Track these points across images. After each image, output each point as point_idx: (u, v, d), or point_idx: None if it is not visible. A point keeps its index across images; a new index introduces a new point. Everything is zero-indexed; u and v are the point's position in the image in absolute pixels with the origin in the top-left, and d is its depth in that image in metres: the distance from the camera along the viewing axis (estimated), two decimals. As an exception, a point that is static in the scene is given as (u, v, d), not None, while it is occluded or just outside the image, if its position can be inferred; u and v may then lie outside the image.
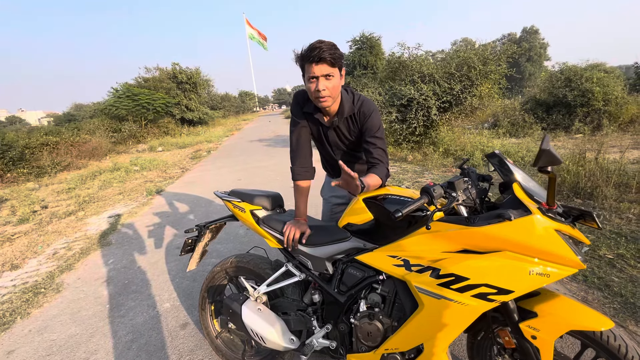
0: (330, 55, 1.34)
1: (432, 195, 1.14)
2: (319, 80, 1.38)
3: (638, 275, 2.30)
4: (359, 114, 1.55)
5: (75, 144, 11.15)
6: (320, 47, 1.33)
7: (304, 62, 1.39)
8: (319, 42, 1.36)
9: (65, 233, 4.40)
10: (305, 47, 1.38)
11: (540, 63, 40.19)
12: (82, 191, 6.74)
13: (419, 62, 7.36)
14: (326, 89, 1.39)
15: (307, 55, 1.35)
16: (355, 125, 1.58)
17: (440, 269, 1.15)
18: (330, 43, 1.37)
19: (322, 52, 1.32)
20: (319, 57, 1.33)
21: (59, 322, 2.44)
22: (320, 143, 1.73)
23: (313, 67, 1.36)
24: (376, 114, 1.54)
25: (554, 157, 0.93)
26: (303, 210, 1.61)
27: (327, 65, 1.36)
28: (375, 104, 1.58)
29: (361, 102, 1.55)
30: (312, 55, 1.34)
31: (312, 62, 1.35)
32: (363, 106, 1.54)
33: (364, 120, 1.53)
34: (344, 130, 1.61)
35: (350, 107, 1.54)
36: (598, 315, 1.08)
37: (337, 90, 1.46)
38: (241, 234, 3.72)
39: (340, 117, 1.54)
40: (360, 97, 1.56)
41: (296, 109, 1.63)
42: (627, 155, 4.61)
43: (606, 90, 8.31)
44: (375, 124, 1.53)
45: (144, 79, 19.94)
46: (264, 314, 1.55)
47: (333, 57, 1.35)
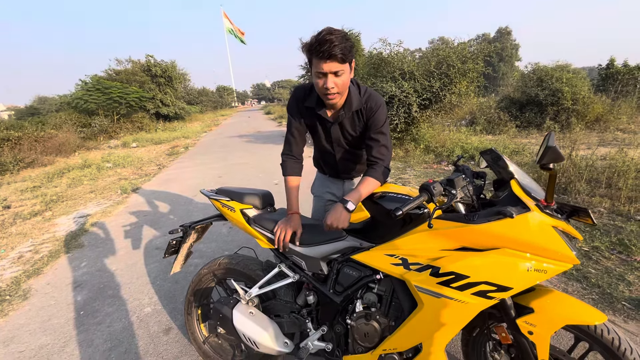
0: (342, 51, 1.22)
1: (432, 193, 1.12)
2: (327, 78, 1.28)
3: (612, 266, 2.41)
4: (365, 109, 1.46)
5: (40, 139, 10.44)
6: (331, 40, 1.20)
7: (312, 55, 1.27)
8: (329, 33, 1.22)
9: (31, 235, 4.10)
10: (314, 38, 1.24)
11: (512, 63, 41.80)
12: (49, 190, 6.32)
13: (400, 59, 7.42)
14: (335, 87, 1.30)
15: (316, 50, 1.23)
16: (361, 120, 1.49)
17: (439, 267, 1.14)
18: (342, 34, 1.24)
19: (332, 47, 1.20)
20: (329, 53, 1.21)
21: (27, 332, 2.26)
22: (319, 139, 1.63)
23: (321, 64, 1.25)
24: (383, 109, 1.46)
25: (558, 154, 0.92)
26: (295, 205, 1.55)
27: (337, 62, 1.25)
28: (382, 98, 1.50)
29: (368, 95, 1.46)
30: (321, 50, 1.21)
31: (320, 58, 1.24)
32: (370, 100, 1.45)
33: (371, 115, 1.45)
34: (348, 126, 1.52)
35: (358, 100, 1.44)
36: (592, 309, 1.10)
37: (346, 86, 1.37)
38: (224, 233, 3.60)
39: (348, 111, 1.45)
40: (366, 89, 1.48)
41: (295, 104, 1.52)
42: (595, 151, 4.86)
43: (574, 90, 8.75)
44: (381, 119, 1.45)
45: (116, 71, 18.97)
46: (256, 317, 1.49)
47: (344, 52, 1.23)
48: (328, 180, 1.87)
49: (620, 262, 2.46)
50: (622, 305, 2.04)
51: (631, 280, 2.24)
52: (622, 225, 2.94)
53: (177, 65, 21.81)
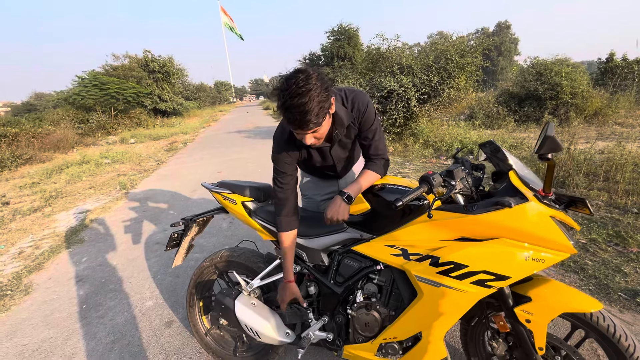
0: (316, 119, 1.09)
1: (432, 184, 1.13)
2: (305, 137, 1.18)
3: (609, 258, 2.44)
4: (356, 114, 1.35)
5: (38, 136, 10.43)
6: (301, 107, 1.04)
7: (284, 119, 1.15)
8: (298, 95, 1.04)
9: (32, 231, 4.11)
10: (281, 97, 1.07)
11: (511, 57, 41.70)
12: (47, 186, 6.31)
13: (398, 54, 7.40)
14: (315, 140, 1.22)
15: (285, 117, 1.12)
16: (355, 127, 1.40)
17: (439, 257, 1.15)
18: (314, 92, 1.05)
19: (303, 118, 1.07)
20: (300, 125, 1.11)
21: (30, 326, 2.28)
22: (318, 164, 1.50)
23: (293, 129, 1.16)
24: (370, 105, 1.38)
25: (556, 144, 0.93)
26: (291, 272, 1.43)
27: (310, 130, 1.15)
28: (365, 93, 1.40)
29: (352, 98, 1.34)
30: (290, 119, 1.11)
31: (293, 128, 1.15)
32: (356, 103, 1.34)
33: (360, 116, 1.36)
34: (344, 139, 1.42)
35: (347, 115, 1.32)
36: (588, 298, 1.12)
37: (327, 130, 1.25)
38: (225, 227, 3.62)
39: (341, 128, 1.33)
40: (348, 93, 1.35)
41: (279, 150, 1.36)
42: (593, 145, 4.88)
43: (573, 84, 8.73)
44: (372, 117, 1.38)
45: (113, 67, 18.86)
46: (258, 308, 1.51)
47: (318, 119, 1.10)
48: (323, 182, 1.76)
49: (617, 254, 2.48)
50: (618, 296, 2.07)
51: (627, 272, 2.27)
52: (619, 218, 2.97)
53: (174, 61, 21.68)
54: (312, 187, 1.80)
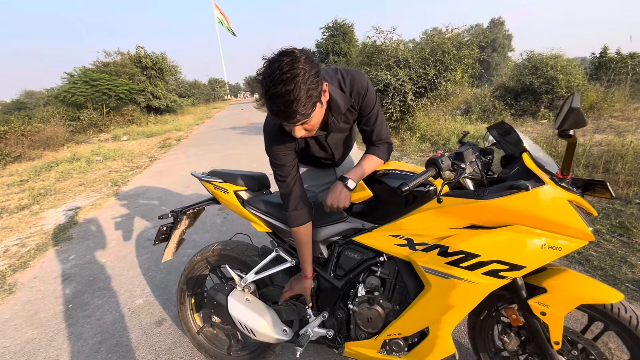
0: (303, 110, 0.95)
1: (440, 168, 1.04)
2: (294, 130, 1.04)
3: (614, 248, 2.38)
4: (355, 98, 1.23)
5: (27, 134, 10.15)
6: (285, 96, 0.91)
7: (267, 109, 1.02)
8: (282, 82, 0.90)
9: (18, 229, 3.96)
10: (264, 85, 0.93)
11: (505, 54, 41.78)
12: (36, 183, 6.14)
13: (394, 47, 7.30)
14: (305, 132, 1.08)
15: (270, 108, 0.98)
16: (353, 111, 1.27)
17: (448, 247, 1.07)
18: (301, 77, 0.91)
19: (289, 111, 0.94)
20: (285, 117, 0.97)
21: (13, 326, 2.16)
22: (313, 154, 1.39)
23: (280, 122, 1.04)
24: (370, 87, 1.26)
25: (581, 117, 0.85)
26: (309, 267, 1.31)
27: (297, 123, 1.01)
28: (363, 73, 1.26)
29: (350, 80, 1.21)
30: (274, 111, 0.97)
31: (279, 121, 1.02)
32: (355, 85, 1.21)
33: (360, 99, 1.23)
34: (342, 125, 1.29)
35: (345, 99, 1.20)
36: (608, 288, 1.05)
37: (319, 120, 1.11)
38: (218, 223, 3.51)
39: (338, 114, 1.21)
40: (345, 75, 1.21)
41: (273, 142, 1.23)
42: (591, 138, 4.85)
43: (569, 78, 8.72)
44: (372, 99, 1.26)
45: (104, 63, 18.51)
46: (252, 304, 1.41)
47: (306, 108, 0.95)
48: (320, 171, 1.64)
49: (622, 245, 2.43)
50: (625, 287, 2.01)
51: (633, 262, 2.21)
52: (621, 209, 2.91)
53: (167, 57, 21.36)
54: (309, 177, 1.64)
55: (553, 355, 1.13)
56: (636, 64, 11.54)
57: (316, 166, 1.61)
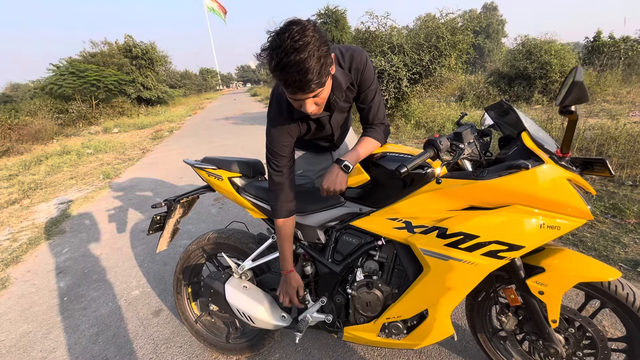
0: (317, 79, 0.91)
1: (438, 148, 1.02)
2: (305, 104, 1.01)
3: (607, 230, 2.41)
4: (354, 74, 1.20)
5: (14, 127, 9.91)
6: (299, 64, 0.87)
7: (276, 80, 0.97)
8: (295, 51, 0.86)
9: (9, 223, 3.89)
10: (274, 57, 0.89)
11: (499, 40, 41.54)
12: (26, 177, 6.02)
13: (388, 33, 7.19)
14: (316, 107, 1.05)
15: (282, 80, 0.92)
16: (353, 89, 1.25)
17: (447, 228, 1.06)
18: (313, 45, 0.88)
19: (304, 80, 0.89)
20: (301, 87, 0.92)
21: (7, 321, 2.13)
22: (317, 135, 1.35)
23: (292, 94, 0.98)
24: (369, 62, 1.23)
25: (584, 92, 0.83)
26: (290, 261, 1.30)
27: (312, 93, 0.97)
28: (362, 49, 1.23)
29: (349, 55, 1.18)
30: (288, 82, 0.92)
31: (290, 93, 0.97)
32: (354, 61, 1.18)
33: (359, 75, 1.21)
34: (343, 104, 1.26)
35: (345, 76, 1.17)
36: (605, 266, 1.05)
37: (328, 94, 1.09)
38: (214, 213, 3.48)
39: (339, 91, 1.17)
40: (343, 51, 1.19)
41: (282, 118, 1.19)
42: (584, 122, 4.86)
43: (562, 63, 8.71)
44: (371, 75, 1.24)
45: (91, 54, 17.99)
46: (250, 291, 1.40)
47: (320, 77, 0.92)
48: (317, 156, 1.60)
49: (615, 226, 2.46)
50: (619, 267, 2.04)
51: (626, 242, 2.24)
52: (614, 191, 2.94)
53: (156, 47, 20.83)
54: (306, 162, 1.61)
55: (550, 334, 1.14)
56: (629, 48, 11.55)
57: (314, 150, 1.57)
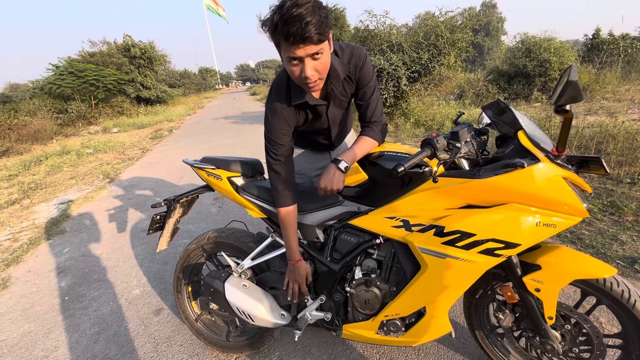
0: (317, 29, 0.93)
1: (435, 148, 1.03)
2: (304, 64, 0.99)
3: (605, 227, 2.42)
4: (352, 68, 1.22)
5: (14, 127, 9.92)
6: (301, 15, 0.90)
7: (278, 38, 0.97)
8: (296, 6, 0.90)
9: (9, 223, 3.90)
10: (277, 14, 0.93)
11: (498, 37, 41.49)
12: (26, 177, 6.03)
13: (387, 31, 7.19)
14: (316, 73, 1.03)
15: (283, 32, 0.93)
16: (352, 83, 1.26)
17: (444, 227, 1.07)
18: (312, 4, 0.92)
19: (305, 27, 0.90)
20: (302, 36, 0.92)
21: (9, 320, 2.15)
22: (314, 128, 1.36)
23: (294, 49, 0.96)
24: (368, 59, 1.25)
25: (579, 91, 0.83)
26: (296, 250, 1.31)
27: (312, 45, 0.96)
28: (363, 48, 1.27)
29: (349, 52, 1.21)
30: (290, 33, 0.92)
31: (292, 43, 0.95)
32: (354, 57, 1.21)
33: (357, 72, 1.23)
34: (341, 95, 1.28)
35: (343, 67, 1.19)
36: (600, 263, 1.06)
37: (328, 66, 1.08)
38: (214, 212, 3.49)
39: (336, 81, 1.19)
40: (346, 48, 1.22)
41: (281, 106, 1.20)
42: (584, 120, 4.87)
43: (562, 60, 8.71)
44: (370, 72, 1.26)
45: (90, 53, 17.96)
46: (249, 290, 1.41)
47: (320, 29, 0.94)
48: (315, 154, 1.62)
49: (613, 223, 2.47)
50: (616, 264, 2.05)
51: (624, 240, 2.25)
52: (612, 188, 2.95)
53: (155, 46, 20.80)
54: (304, 160, 1.63)
55: (547, 330, 1.15)
56: (628, 45, 11.55)
57: (313, 148, 1.59)
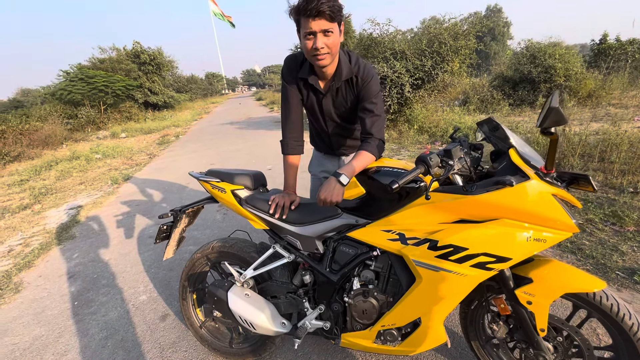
0: (330, 8, 1.19)
1: (429, 165, 1.08)
2: (316, 37, 1.24)
3: (606, 237, 2.43)
4: (357, 79, 1.42)
5: (25, 132, 10.17)
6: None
7: (299, 15, 1.24)
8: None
9: (21, 228, 4.01)
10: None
11: (504, 42, 41.38)
12: (36, 183, 6.18)
13: (391, 39, 7.26)
14: (325, 46, 1.27)
15: (303, 7, 1.20)
16: (352, 90, 1.46)
17: (437, 241, 1.11)
18: None
19: (320, 4, 1.17)
20: (317, 10, 1.18)
21: (21, 324, 2.22)
22: (312, 113, 1.61)
23: (310, 22, 1.22)
24: (375, 80, 1.43)
25: (561, 116, 0.88)
26: (292, 184, 1.54)
27: (325, 20, 1.22)
28: (374, 69, 1.49)
29: (359, 66, 1.43)
30: (308, 8, 1.18)
31: (308, 17, 1.21)
32: (362, 71, 1.42)
33: (363, 85, 1.42)
34: (340, 97, 1.49)
35: (348, 69, 1.41)
36: (591, 277, 1.09)
37: (337, 48, 1.33)
38: (219, 219, 3.56)
39: (338, 80, 1.42)
40: (358, 59, 1.44)
41: (288, 74, 1.49)
42: (588, 127, 4.86)
43: (567, 66, 8.67)
44: (374, 90, 1.42)
45: (99, 60, 18.37)
46: (251, 299, 1.46)
47: (332, 10, 1.20)
48: (324, 158, 1.87)
49: (614, 233, 2.48)
50: (615, 275, 2.06)
51: (624, 250, 2.26)
52: (615, 198, 2.96)
53: (163, 52, 21.19)
54: (316, 163, 1.89)
55: (539, 342, 1.18)
56: (635, 51, 11.47)
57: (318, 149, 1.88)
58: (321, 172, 1.87)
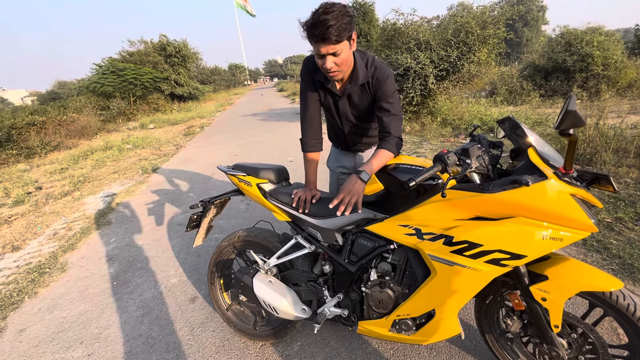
0: (336, 32, 1.21)
1: (446, 163, 1.11)
2: (326, 59, 1.29)
3: (635, 237, 2.35)
4: (372, 81, 1.46)
5: (63, 123, 10.81)
6: (326, 21, 1.19)
7: (308, 38, 1.27)
8: (324, 13, 1.20)
9: (63, 213, 4.36)
10: (310, 18, 1.24)
11: (538, 27, 39.04)
12: (75, 171, 6.62)
13: (415, 29, 7.09)
14: (334, 66, 1.32)
15: (310, 33, 1.24)
16: (369, 92, 1.50)
17: (453, 237, 1.15)
18: (338, 10, 1.21)
19: (326, 30, 1.20)
20: (323, 37, 1.22)
21: (68, 300, 2.47)
22: (329, 113, 1.67)
23: (318, 47, 1.26)
24: (391, 79, 1.46)
25: (578, 118, 0.89)
26: (312, 179, 1.61)
27: (332, 45, 1.25)
28: (390, 68, 1.51)
29: (375, 67, 1.46)
30: (315, 34, 1.22)
31: (316, 42, 1.25)
32: (377, 72, 1.45)
33: (378, 86, 1.46)
34: (356, 99, 1.54)
35: (364, 74, 1.45)
36: (608, 276, 1.10)
37: (347, 62, 1.37)
38: (242, 209, 3.71)
39: (354, 84, 1.47)
40: (374, 61, 1.47)
41: (307, 75, 1.55)
42: (625, 120, 4.60)
43: (606, 54, 8.16)
44: (390, 89, 1.46)
45: (129, 53, 19.06)
46: (275, 285, 1.57)
47: (339, 33, 1.22)
48: (340, 153, 1.93)
49: (645, 233, 2.39)
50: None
51: (655, 251, 2.18)
52: (649, 196, 2.83)
53: (188, 44, 21.66)
54: (333, 158, 1.96)
55: (553, 338, 1.21)
56: (685, 36, 10.57)
57: (334, 145, 1.95)
58: (338, 167, 1.93)
